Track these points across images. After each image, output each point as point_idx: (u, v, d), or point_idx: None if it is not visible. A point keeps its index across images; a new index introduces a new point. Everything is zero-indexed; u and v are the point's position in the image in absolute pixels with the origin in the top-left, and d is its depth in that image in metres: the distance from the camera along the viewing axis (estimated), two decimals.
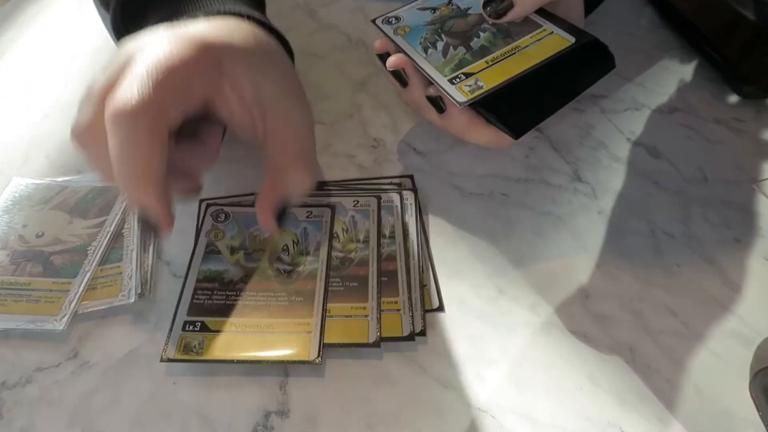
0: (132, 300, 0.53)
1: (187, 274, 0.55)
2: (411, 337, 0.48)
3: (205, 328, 0.50)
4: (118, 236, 0.59)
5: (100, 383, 0.49)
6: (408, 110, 0.73)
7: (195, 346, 0.49)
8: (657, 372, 0.50)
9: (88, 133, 0.41)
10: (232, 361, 0.48)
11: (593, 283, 0.56)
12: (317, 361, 0.48)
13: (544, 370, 0.49)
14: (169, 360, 0.48)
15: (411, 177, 0.64)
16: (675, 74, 0.80)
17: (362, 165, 0.66)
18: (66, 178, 0.65)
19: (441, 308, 0.53)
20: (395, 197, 0.59)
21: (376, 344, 0.48)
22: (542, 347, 0.51)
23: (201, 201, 0.63)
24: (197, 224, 0.60)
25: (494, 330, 0.52)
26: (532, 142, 0.70)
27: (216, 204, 0.61)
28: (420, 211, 0.61)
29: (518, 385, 0.48)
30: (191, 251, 0.56)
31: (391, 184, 0.61)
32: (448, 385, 0.48)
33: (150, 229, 0.45)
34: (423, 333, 0.48)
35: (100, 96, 0.40)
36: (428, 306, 0.51)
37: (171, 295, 0.54)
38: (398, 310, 0.52)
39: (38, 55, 0.83)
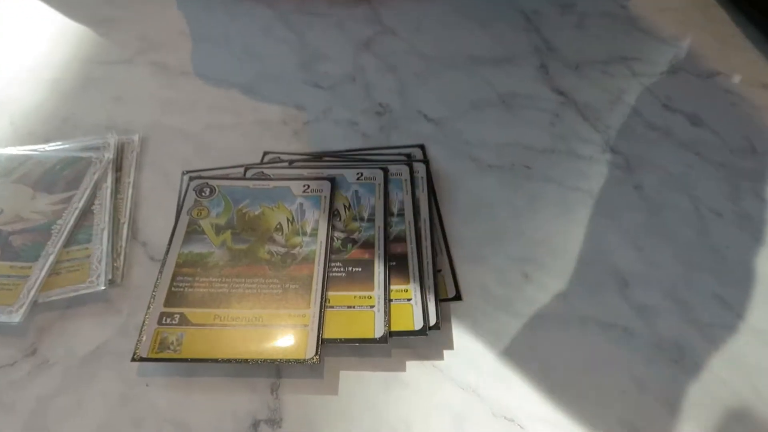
0: (101, 287, 0.46)
1: (165, 257, 0.47)
2: (424, 332, 0.43)
3: (184, 320, 0.43)
4: (87, 213, 0.51)
5: (61, 385, 0.42)
6: (418, 72, 0.65)
7: (172, 343, 0.42)
8: (710, 372, 0.43)
9: None
10: (215, 360, 0.41)
11: (632, 268, 0.49)
12: (315, 359, 0.41)
13: (581, 371, 0.43)
14: (142, 359, 0.41)
15: (422, 147, 0.57)
16: (714, 34, 0.72)
17: (366, 133, 0.59)
18: (31, 147, 0.57)
19: (458, 297, 0.46)
20: (404, 169, 0.53)
21: (384, 340, 0.42)
22: (577, 344, 0.44)
23: (183, 173, 0.55)
24: (179, 200, 0.53)
25: (521, 323, 0.45)
26: (557, 108, 0.62)
27: (200, 177, 0.54)
28: (432, 185, 0.54)
29: (550, 388, 0.42)
30: (171, 231, 0.49)
31: (399, 154, 0.55)
32: (468, 389, 0.42)
33: None
34: (438, 326, 0.43)
35: None
36: (443, 295, 0.45)
37: (146, 282, 0.47)
38: (409, 299, 0.45)
39: (4, 20, 0.75)
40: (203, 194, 0.52)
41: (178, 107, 0.62)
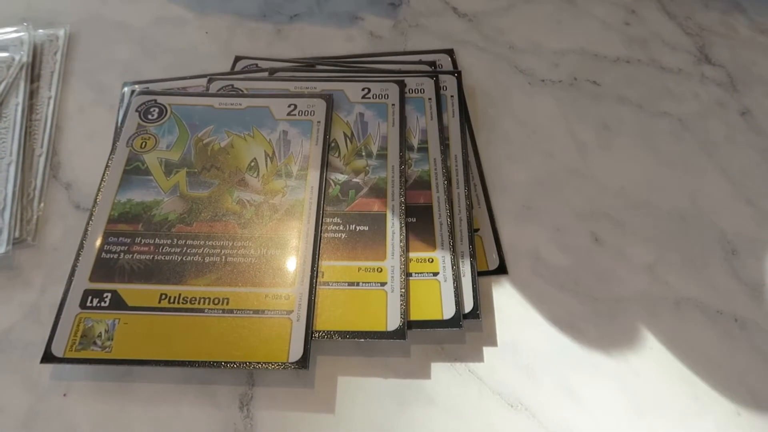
0: (2, 249, 0.33)
1: (93, 207, 0.34)
2: (457, 322, 0.31)
3: (118, 302, 0.31)
4: None
5: None
6: None
7: (100, 335, 0.30)
8: None
9: None
10: (161, 362, 0.29)
11: (743, 231, 0.36)
12: (302, 364, 0.28)
13: (677, 382, 0.30)
14: (57, 359, 0.29)
15: (450, 53, 0.43)
16: None
17: (375, 33, 0.45)
18: None
19: (503, 270, 0.33)
20: (427, 84, 0.40)
21: (400, 333, 0.30)
22: (671, 339, 0.32)
23: (124, 85, 0.40)
24: (116, 123, 0.39)
25: (591, 308, 0.32)
26: (634, 2, 0.46)
27: (147, 91, 0.39)
28: (466, 106, 0.40)
29: (636, 405, 0.30)
30: (103, 168, 0.35)
31: (420, 63, 0.43)
32: (519, 406, 0.30)
33: None
34: (476, 314, 0.32)
35: None
36: (483, 266, 0.34)
37: (70, 242, 0.34)
38: (435, 273, 0.32)
39: None
40: (150, 116, 0.38)
41: None
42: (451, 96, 0.40)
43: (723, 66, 0.43)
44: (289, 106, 0.38)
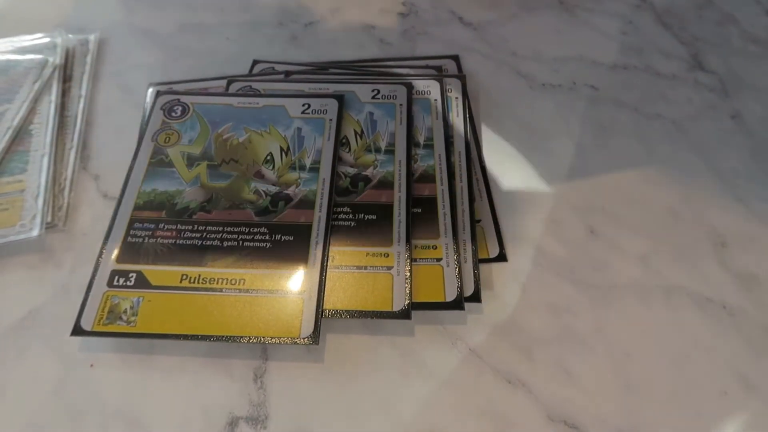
0: (36, 233, 0.35)
1: (121, 196, 0.36)
2: (458, 304, 0.33)
3: (142, 282, 0.33)
4: (23, 135, 0.40)
5: None
6: None
7: (126, 311, 0.32)
8: None
9: None
10: (181, 336, 0.31)
11: (732, 225, 0.37)
12: (313, 338, 0.30)
13: (666, 363, 0.32)
14: (85, 332, 0.31)
15: (456, 58, 0.45)
16: None
17: (385, 40, 0.47)
18: None
19: (503, 257, 0.36)
20: (434, 86, 0.42)
21: (405, 314, 0.32)
22: (661, 325, 0.33)
23: (149, 86, 0.43)
24: (142, 121, 0.41)
25: (586, 294, 0.34)
26: (631, 13, 0.49)
27: (171, 91, 0.42)
28: (470, 108, 0.42)
29: (625, 385, 0.31)
30: (130, 161, 0.38)
31: (427, 67, 0.45)
32: (516, 382, 0.31)
33: None
34: (477, 297, 0.33)
35: None
36: (484, 254, 0.36)
37: (97, 227, 0.36)
38: (439, 259, 0.34)
39: None
40: (173, 114, 0.40)
41: (147, 1, 0.49)
42: (456, 98, 0.42)
43: (715, 72, 0.45)
44: (303, 105, 0.41)
